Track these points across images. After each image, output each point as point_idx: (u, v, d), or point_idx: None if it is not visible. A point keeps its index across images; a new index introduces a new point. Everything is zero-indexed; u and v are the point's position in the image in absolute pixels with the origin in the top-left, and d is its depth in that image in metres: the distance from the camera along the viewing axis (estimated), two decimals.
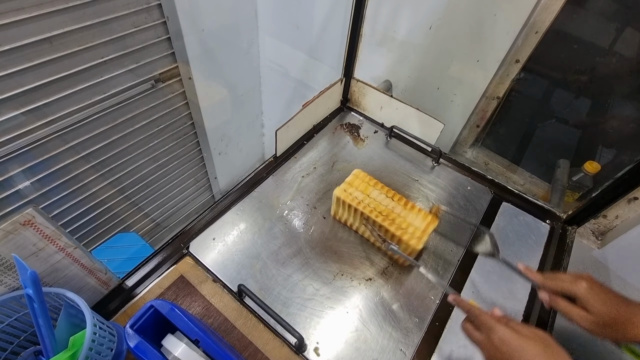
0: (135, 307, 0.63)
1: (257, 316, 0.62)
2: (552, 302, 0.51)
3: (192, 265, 0.68)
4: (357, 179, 0.74)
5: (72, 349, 0.47)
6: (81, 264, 0.55)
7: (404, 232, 0.65)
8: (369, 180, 0.74)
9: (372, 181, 0.74)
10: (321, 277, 0.68)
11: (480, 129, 1.11)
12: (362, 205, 0.69)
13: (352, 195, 0.71)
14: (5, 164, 0.93)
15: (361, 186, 0.72)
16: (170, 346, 0.48)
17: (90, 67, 0.97)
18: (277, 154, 0.88)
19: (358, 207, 0.69)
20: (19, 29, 0.81)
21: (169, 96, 1.24)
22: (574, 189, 0.99)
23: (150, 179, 1.37)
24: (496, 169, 1.15)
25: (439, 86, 1.07)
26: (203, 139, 1.48)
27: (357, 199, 0.70)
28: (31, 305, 0.46)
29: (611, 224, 0.92)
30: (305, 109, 0.88)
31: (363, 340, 0.61)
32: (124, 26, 0.99)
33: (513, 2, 0.83)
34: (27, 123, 0.93)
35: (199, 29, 1.18)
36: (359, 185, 0.72)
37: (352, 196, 0.70)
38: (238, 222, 0.75)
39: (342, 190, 0.71)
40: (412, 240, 0.64)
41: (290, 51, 1.37)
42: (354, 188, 0.72)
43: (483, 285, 0.69)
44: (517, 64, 0.94)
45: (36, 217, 0.47)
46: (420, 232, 0.66)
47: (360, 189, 0.72)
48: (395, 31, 1.04)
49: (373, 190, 0.72)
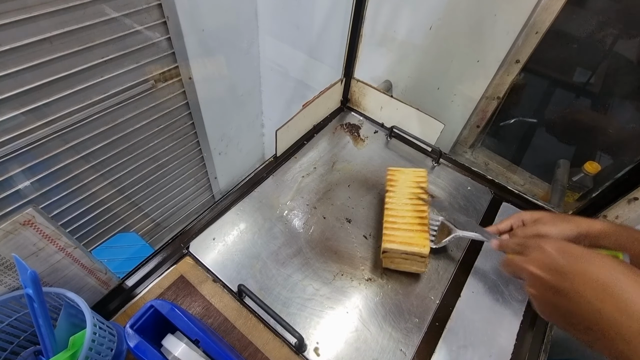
0: (135, 307, 0.63)
1: (257, 316, 0.62)
2: (500, 242, 0.57)
3: (192, 265, 0.68)
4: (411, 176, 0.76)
5: (72, 349, 0.47)
6: (81, 264, 0.55)
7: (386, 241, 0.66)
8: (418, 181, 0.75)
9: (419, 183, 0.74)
10: (321, 277, 0.68)
11: (481, 129, 1.11)
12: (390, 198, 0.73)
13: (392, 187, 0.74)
14: (6, 164, 0.93)
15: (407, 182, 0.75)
16: (170, 346, 0.48)
17: (90, 67, 0.97)
18: (277, 154, 0.88)
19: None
20: (19, 28, 0.81)
21: (169, 96, 1.24)
22: (574, 189, 0.99)
23: (150, 179, 1.37)
24: (496, 169, 1.15)
25: (439, 86, 1.07)
26: (203, 139, 1.48)
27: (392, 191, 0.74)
28: (31, 305, 0.46)
29: None
30: (306, 109, 0.88)
31: (363, 341, 0.61)
32: (124, 26, 0.99)
33: (513, 2, 0.83)
34: (27, 123, 0.93)
35: (199, 29, 1.18)
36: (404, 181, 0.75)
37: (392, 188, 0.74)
38: (238, 222, 0.75)
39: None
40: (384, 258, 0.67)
41: (290, 51, 1.37)
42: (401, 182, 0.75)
43: (483, 285, 0.69)
44: (518, 64, 0.94)
45: (36, 217, 0.47)
46: (398, 258, 0.66)
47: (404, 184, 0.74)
48: (395, 31, 1.04)
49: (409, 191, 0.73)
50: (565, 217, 0.57)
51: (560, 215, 0.58)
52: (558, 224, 0.55)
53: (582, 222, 0.54)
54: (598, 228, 0.53)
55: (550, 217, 0.58)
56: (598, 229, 0.53)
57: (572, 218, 0.56)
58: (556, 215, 0.59)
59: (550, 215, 0.59)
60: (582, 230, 0.53)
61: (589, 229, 0.53)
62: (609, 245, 0.52)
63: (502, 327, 0.63)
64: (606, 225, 0.53)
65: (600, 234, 0.52)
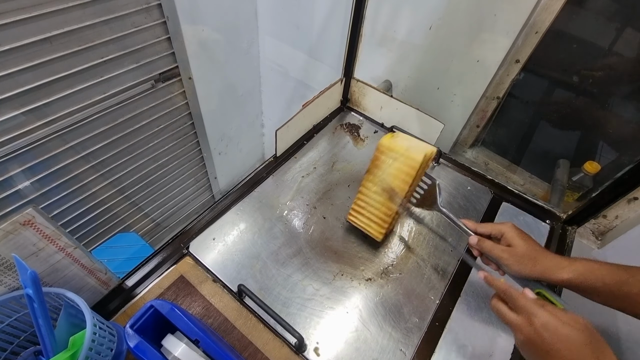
0: (135, 307, 0.63)
1: (257, 316, 0.62)
2: (480, 242, 0.59)
3: (192, 265, 0.68)
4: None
5: (72, 349, 0.47)
6: (81, 264, 0.55)
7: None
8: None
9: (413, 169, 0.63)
10: (321, 277, 0.68)
11: (480, 129, 1.11)
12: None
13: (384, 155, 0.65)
14: (6, 164, 0.93)
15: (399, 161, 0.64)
16: (170, 346, 0.48)
17: (90, 67, 0.97)
18: (277, 154, 0.88)
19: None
20: (19, 28, 0.81)
21: (168, 96, 1.24)
22: (574, 189, 0.99)
23: (150, 179, 1.37)
24: (496, 169, 1.15)
25: (439, 86, 1.07)
26: (203, 138, 1.48)
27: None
28: (31, 305, 0.46)
29: (611, 224, 0.92)
30: (305, 109, 0.88)
31: (363, 340, 0.61)
32: (124, 26, 0.99)
33: (513, 2, 0.83)
34: (27, 123, 0.93)
35: (199, 29, 1.18)
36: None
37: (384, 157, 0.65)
38: (238, 222, 0.75)
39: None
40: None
41: (290, 51, 1.37)
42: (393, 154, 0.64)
43: (483, 285, 0.69)
44: (517, 64, 0.94)
45: (36, 217, 0.47)
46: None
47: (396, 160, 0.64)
48: (395, 31, 1.04)
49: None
50: (536, 257, 0.54)
51: (533, 251, 0.55)
52: (524, 262, 0.54)
53: (549, 269, 0.53)
54: (564, 278, 0.52)
55: (521, 250, 0.55)
56: (564, 279, 0.52)
57: (542, 260, 0.54)
58: (529, 249, 0.55)
59: (524, 247, 0.55)
60: (544, 277, 0.53)
61: (552, 276, 0.52)
62: (576, 290, 0.52)
63: (502, 327, 0.63)
64: (573, 275, 0.51)
65: (564, 283, 0.52)
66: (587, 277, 0.51)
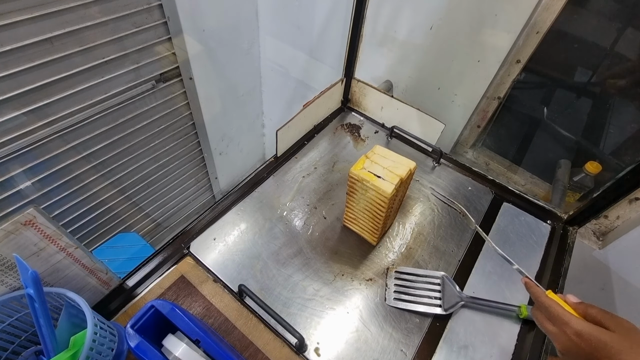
0: (135, 307, 0.63)
1: (257, 316, 0.62)
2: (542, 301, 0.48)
3: (192, 266, 0.68)
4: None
5: (72, 348, 0.47)
6: (82, 264, 0.55)
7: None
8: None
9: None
10: (322, 277, 0.68)
11: (481, 129, 1.11)
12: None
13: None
14: (7, 164, 0.93)
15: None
16: (170, 346, 0.48)
17: (91, 67, 0.97)
18: (278, 154, 0.88)
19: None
20: (20, 29, 0.81)
21: (169, 96, 1.24)
22: (575, 189, 0.99)
23: (151, 179, 1.38)
24: (497, 169, 1.14)
25: (439, 86, 1.06)
26: (204, 139, 1.49)
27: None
28: (32, 305, 0.46)
29: (612, 225, 0.92)
30: (306, 109, 0.88)
31: (364, 341, 0.61)
32: (125, 26, 0.99)
33: (514, 2, 0.83)
34: (28, 123, 0.93)
35: (200, 29, 1.18)
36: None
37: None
38: (239, 222, 0.75)
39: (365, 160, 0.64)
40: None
41: (291, 51, 1.37)
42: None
43: (484, 285, 0.69)
44: (518, 64, 0.94)
45: (37, 217, 0.47)
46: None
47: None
48: (396, 31, 1.04)
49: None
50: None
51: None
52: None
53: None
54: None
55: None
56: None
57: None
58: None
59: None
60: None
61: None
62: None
63: (503, 327, 0.63)
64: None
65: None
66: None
